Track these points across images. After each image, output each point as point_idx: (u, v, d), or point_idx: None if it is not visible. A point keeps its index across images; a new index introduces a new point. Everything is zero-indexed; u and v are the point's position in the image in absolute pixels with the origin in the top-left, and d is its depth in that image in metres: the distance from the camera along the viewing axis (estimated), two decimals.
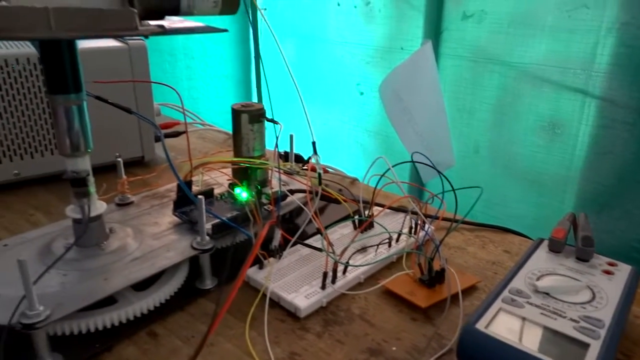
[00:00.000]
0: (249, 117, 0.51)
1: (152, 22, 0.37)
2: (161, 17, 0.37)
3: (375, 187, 0.51)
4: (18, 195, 0.61)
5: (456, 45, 1.25)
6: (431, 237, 0.46)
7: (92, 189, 0.40)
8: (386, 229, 0.48)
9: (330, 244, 0.44)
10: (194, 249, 0.42)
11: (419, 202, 0.48)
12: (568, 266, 0.40)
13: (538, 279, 0.38)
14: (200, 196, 0.41)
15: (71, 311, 0.34)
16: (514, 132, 1.19)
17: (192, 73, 1.76)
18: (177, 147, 0.79)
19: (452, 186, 0.48)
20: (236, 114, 0.51)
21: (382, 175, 0.51)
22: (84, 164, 0.38)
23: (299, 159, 0.62)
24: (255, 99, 1.71)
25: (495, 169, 1.25)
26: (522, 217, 1.18)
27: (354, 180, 0.68)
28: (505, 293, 0.37)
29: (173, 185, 0.55)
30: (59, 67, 0.35)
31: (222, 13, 0.40)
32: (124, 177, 0.50)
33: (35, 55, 0.58)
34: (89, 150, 0.39)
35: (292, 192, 0.51)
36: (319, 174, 0.48)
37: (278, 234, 0.44)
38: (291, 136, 0.58)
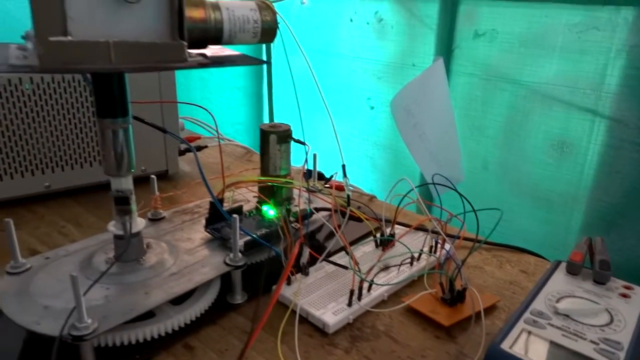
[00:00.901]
0: (277, 138, 0.53)
1: (195, 51, 0.39)
2: (204, 47, 0.40)
3: (398, 207, 0.53)
4: (49, 207, 0.63)
5: (467, 63, 1.27)
6: (452, 257, 0.48)
7: (134, 206, 0.42)
8: (409, 249, 0.50)
9: (356, 262, 0.46)
10: (227, 265, 0.44)
11: (441, 223, 0.50)
12: (586, 289, 0.42)
13: (558, 300, 0.40)
14: (234, 215, 0.43)
15: (116, 324, 0.36)
16: (523, 149, 1.21)
17: (205, 85, 1.79)
18: (200, 162, 0.81)
19: (472, 207, 0.50)
20: (265, 134, 0.53)
21: (405, 196, 0.53)
22: (127, 183, 0.40)
23: (320, 176, 0.64)
24: (266, 112, 1.74)
25: (504, 186, 1.27)
26: (530, 233, 1.20)
27: (371, 198, 0.70)
28: (527, 314, 0.38)
29: (201, 201, 0.57)
30: (109, 93, 0.37)
31: (260, 42, 0.42)
32: (157, 193, 0.52)
33: None
34: (132, 171, 0.41)
35: (318, 210, 0.53)
36: (348, 195, 0.50)
37: (306, 252, 0.46)
38: (314, 155, 0.60)
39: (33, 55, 0.31)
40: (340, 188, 0.62)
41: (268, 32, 0.41)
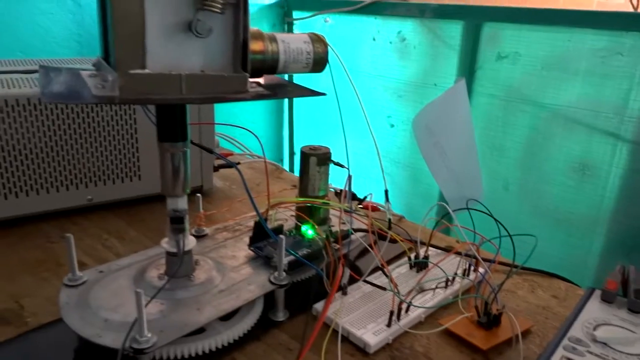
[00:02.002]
0: (317, 160, 0.55)
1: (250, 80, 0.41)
2: (259, 76, 0.42)
3: (433, 230, 0.55)
4: (91, 220, 0.66)
5: (489, 84, 1.29)
6: (488, 281, 0.50)
7: (187, 225, 0.44)
8: (445, 272, 0.51)
9: (395, 284, 0.47)
10: (272, 283, 0.46)
11: (478, 248, 0.52)
12: (621, 317, 0.43)
13: (594, 328, 0.41)
14: (281, 236, 0.45)
15: (174, 338, 0.38)
16: (544, 171, 1.22)
17: None
18: (231, 177, 0.84)
19: (508, 232, 0.51)
20: (305, 156, 0.55)
21: (440, 219, 0.54)
22: (183, 203, 0.43)
23: (353, 196, 0.66)
24: (287, 126, 1.76)
25: (524, 206, 1.28)
26: (549, 255, 1.21)
27: (400, 218, 0.71)
28: (566, 341, 0.40)
29: (241, 218, 0.59)
30: (171, 119, 0.39)
31: (311, 72, 0.44)
32: (202, 211, 0.54)
33: None
34: (187, 191, 0.43)
35: (356, 231, 0.55)
36: (389, 219, 0.52)
37: (347, 272, 0.48)
38: (349, 177, 0.62)
39: (112, 86, 0.33)
40: (373, 209, 0.64)
41: (319, 63, 0.44)
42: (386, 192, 0.54)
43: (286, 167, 1.73)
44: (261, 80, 0.43)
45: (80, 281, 0.44)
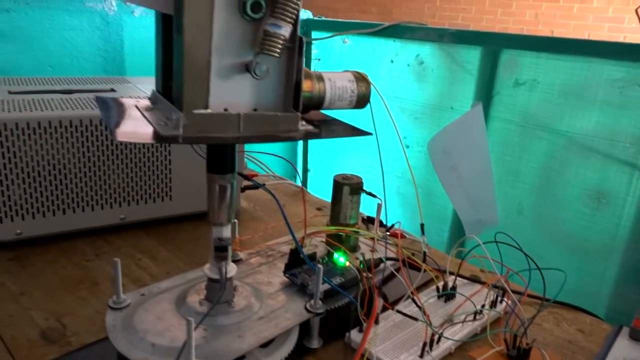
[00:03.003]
0: (350, 189, 0.57)
1: None
2: (306, 112, 0.44)
3: (462, 261, 0.56)
4: (124, 239, 0.67)
5: (506, 109, 1.31)
6: (517, 315, 0.51)
7: (230, 253, 0.45)
8: (474, 305, 0.52)
9: (428, 315, 0.48)
10: (308, 311, 0.47)
11: (507, 281, 0.53)
12: None
13: None
14: (319, 266, 0.46)
15: None
16: (559, 197, 1.23)
17: None
18: (255, 198, 0.85)
19: (537, 266, 0.53)
20: (338, 185, 0.57)
21: (470, 250, 0.56)
22: (227, 232, 0.44)
23: (381, 223, 0.67)
24: (301, 151, 1.78)
25: (538, 232, 1.28)
26: (558, 277, 1.21)
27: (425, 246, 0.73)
28: None
29: (273, 243, 0.60)
30: (222, 154, 0.41)
31: (353, 108, 0.46)
32: (237, 236, 0.56)
33: None
34: (233, 221, 0.44)
35: (387, 259, 0.56)
36: (425, 252, 0.53)
37: (380, 302, 0.49)
38: (379, 205, 0.63)
39: (176, 125, 0.35)
40: (400, 236, 0.65)
41: (362, 100, 0.45)
42: (422, 225, 0.56)
43: (299, 182, 1.75)
44: (307, 116, 0.45)
45: (124, 304, 0.45)
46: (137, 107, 0.42)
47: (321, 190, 1.76)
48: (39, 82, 0.78)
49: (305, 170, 1.80)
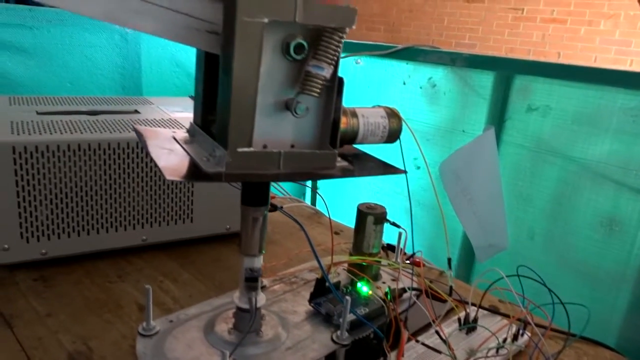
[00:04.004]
0: (374, 219, 0.57)
1: None
2: (339, 147, 0.45)
3: (484, 292, 0.56)
4: (145, 260, 0.68)
5: (518, 134, 1.32)
6: (541, 349, 0.51)
7: (260, 284, 0.46)
8: (497, 338, 0.53)
9: (452, 349, 0.49)
10: (335, 342, 0.47)
11: (531, 314, 0.53)
12: None
13: None
14: (347, 297, 0.47)
15: None
16: (571, 223, 1.23)
17: None
18: (271, 220, 0.86)
19: (560, 300, 0.53)
20: (362, 215, 0.58)
21: (493, 283, 0.56)
22: (259, 262, 0.45)
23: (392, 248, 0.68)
24: None
25: (549, 257, 1.28)
26: (573, 309, 1.21)
27: (441, 272, 0.73)
28: None
29: (296, 270, 0.61)
30: (258, 187, 0.42)
31: (384, 143, 0.47)
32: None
33: None
34: (263, 252, 0.45)
35: (410, 289, 0.57)
36: (451, 287, 0.54)
37: (405, 333, 0.50)
38: (400, 234, 0.64)
39: (219, 161, 0.36)
40: (418, 264, 0.65)
41: (393, 135, 0.46)
42: (449, 260, 0.56)
43: (308, 200, 1.75)
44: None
45: (153, 331, 0.46)
46: (175, 138, 0.43)
47: (331, 209, 1.77)
48: (64, 102, 0.80)
49: (314, 187, 1.81)
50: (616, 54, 3.79)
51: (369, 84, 1.65)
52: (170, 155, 0.38)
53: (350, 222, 0.88)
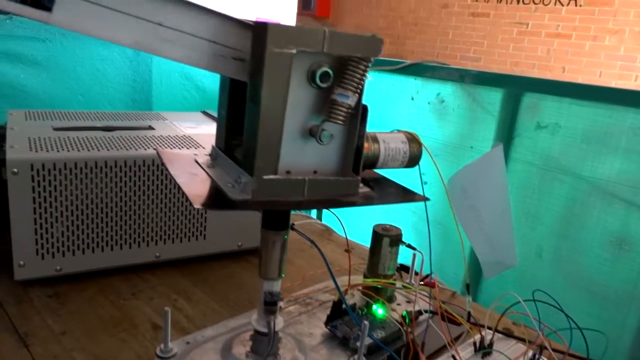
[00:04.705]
0: (389, 241, 0.57)
1: None
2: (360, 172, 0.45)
3: (501, 316, 0.56)
4: (159, 277, 0.68)
5: (527, 151, 1.32)
6: None
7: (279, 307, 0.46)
8: None
9: None
10: None
11: (548, 339, 0.53)
12: None
13: None
14: (365, 322, 0.46)
15: None
16: (580, 242, 1.23)
17: None
18: None
19: (578, 326, 0.53)
20: (378, 236, 0.58)
21: (509, 307, 0.56)
22: (278, 286, 0.45)
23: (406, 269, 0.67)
24: None
25: (557, 275, 1.28)
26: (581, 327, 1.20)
27: (453, 293, 0.73)
28: None
29: (310, 290, 0.61)
30: (279, 212, 0.42)
31: (404, 167, 0.47)
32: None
33: None
34: (283, 276, 0.45)
35: (426, 311, 0.56)
36: (469, 312, 0.54)
37: (422, 357, 0.49)
38: (414, 255, 0.64)
39: (244, 188, 0.36)
40: (432, 285, 0.65)
41: (413, 160, 0.46)
42: (468, 285, 0.56)
43: (313, 214, 1.75)
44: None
45: (171, 353, 0.46)
46: (197, 162, 0.43)
47: (338, 224, 1.77)
48: (79, 117, 0.80)
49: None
50: (621, 70, 3.80)
51: (377, 99, 1.66)
52: (194, 180, 0.38)
53: (358, 238, 0.88)
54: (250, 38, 0.36)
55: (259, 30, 0.34)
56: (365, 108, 0.39)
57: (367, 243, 0.82)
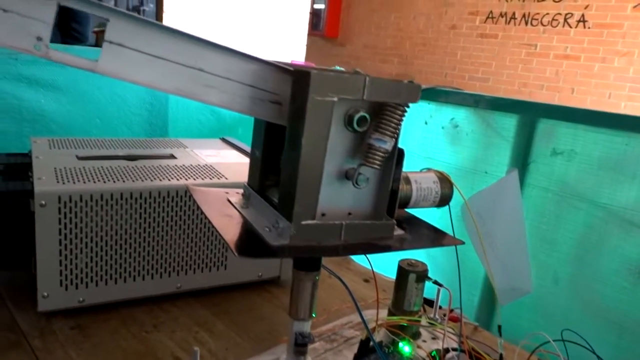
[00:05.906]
0: (416, 277, 0.57)
1: None
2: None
3: (531, 355, 0.55)
4: (180, 308, 0.68)
5: (542, 177, 1.31)
6: None
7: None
8: None
9: None
10: None
11: None
12: None
13: None
14: None
15: None
16: (597, 269, 1.21)
17: None
18: None
19: None
20: (404, 272, 0.57)
21: (539, 346, 0.55)
22: (307, 327, 0.44)
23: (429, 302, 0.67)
24: None
25: (574, 303, 1.26)
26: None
27: (476, 327, 0.72)
28: None
29: (334, 325, 0.60)
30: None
31: (435, 207, 0.47)
32: None
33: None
34: (314, 316, 0.45)
35: (455, 350, 0.56)
36: (501, 354, 0.53)
37: None
38: (438, 290, 0.63)
39: (282, 233, 0.36)
40: (456, 319, 0.64)
41: (444, 200, 0.46)
42: (499, 327, 0.55)
43: None
44: None
45: None
46: (229, 201, 0.43)
47: None
48: (102, 145, 0.81)
49: None
50: (630, 91, 3.80)
51: None
52: (230, 223, 0.38)
53: (376, 266, 0.87)
54: (289, 82, 0.36)
55: (300, 77, 0.34)
56: (401, 152, 0.39)
57: (385, 271, 0.81)
